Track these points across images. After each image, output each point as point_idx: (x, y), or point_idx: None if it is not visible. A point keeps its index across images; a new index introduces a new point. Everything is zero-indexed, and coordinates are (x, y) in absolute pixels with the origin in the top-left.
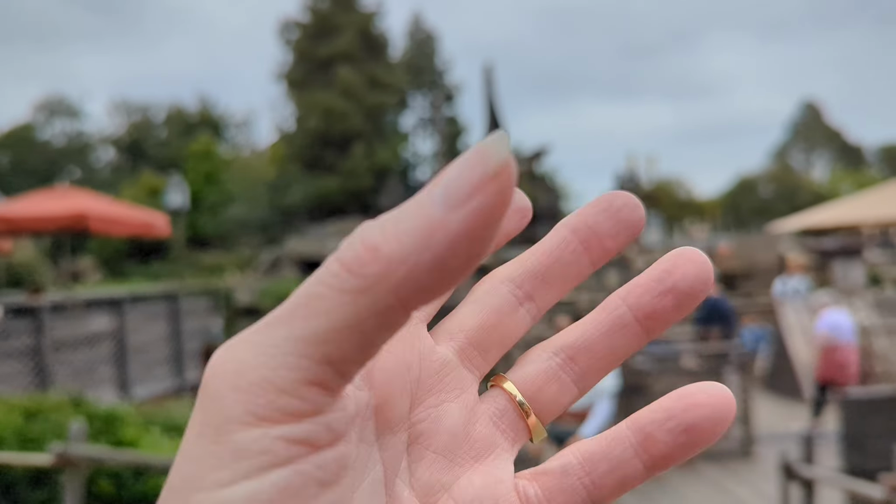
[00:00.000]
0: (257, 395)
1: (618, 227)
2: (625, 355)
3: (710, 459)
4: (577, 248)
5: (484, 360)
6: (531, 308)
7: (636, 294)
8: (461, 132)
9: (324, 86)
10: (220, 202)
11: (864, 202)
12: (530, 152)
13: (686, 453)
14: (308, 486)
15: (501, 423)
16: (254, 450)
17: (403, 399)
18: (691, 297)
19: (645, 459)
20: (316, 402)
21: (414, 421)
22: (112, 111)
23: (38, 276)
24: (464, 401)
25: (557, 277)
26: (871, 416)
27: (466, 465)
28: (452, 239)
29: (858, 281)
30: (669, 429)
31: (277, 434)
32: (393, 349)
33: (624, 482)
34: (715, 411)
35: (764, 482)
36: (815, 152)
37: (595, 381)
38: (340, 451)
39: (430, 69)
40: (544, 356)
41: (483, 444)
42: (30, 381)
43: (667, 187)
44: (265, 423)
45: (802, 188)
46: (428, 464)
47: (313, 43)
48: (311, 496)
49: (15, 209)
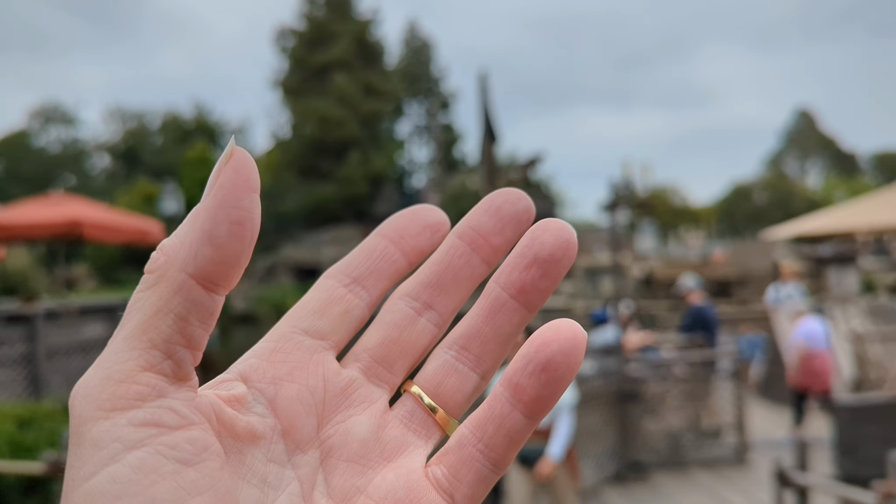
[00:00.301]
0: (101, 391)
1: (501, 223)
2: (513, 333)
3: (704, 466)
4: (465, 251)
5: (391, 373)
6: (432, 316)
7: (506, 273)
8: (457, 139)
9: (319, 93)
10: None
11: (859, 209)
12: (525, 160)
13: (553, 390)
14: (164, 464)
15: (412, 424)
16: (107, 439)
17: (309, 420)
18: (554, 264)
19: (521, 408)
20: (155, 385)
21: (323, 438)
22: (107, 118)
23: (32, 283)
24: (372, 412)
25: (451, 283)
26: (865, 424)
27: (379, 466)
28: (212, 214)
29: (853, 288)
30: (530, 372)
31: (125, 420)
32: (295, 378)
33: (511, 436)
34: (564, 344)
35: (758, 489)
36: (810, 160)
37: (495, 364)
38: (194, 434)
39: (426, 77)
40: (440, 352)
41: (394, 445)
42: (23, 389)
43: (662, 195)
44: (113, 413)
45: (797, 195)
46: (342, 472)
47: (309, 50)
48: (171, 473)
49: (9, 216)
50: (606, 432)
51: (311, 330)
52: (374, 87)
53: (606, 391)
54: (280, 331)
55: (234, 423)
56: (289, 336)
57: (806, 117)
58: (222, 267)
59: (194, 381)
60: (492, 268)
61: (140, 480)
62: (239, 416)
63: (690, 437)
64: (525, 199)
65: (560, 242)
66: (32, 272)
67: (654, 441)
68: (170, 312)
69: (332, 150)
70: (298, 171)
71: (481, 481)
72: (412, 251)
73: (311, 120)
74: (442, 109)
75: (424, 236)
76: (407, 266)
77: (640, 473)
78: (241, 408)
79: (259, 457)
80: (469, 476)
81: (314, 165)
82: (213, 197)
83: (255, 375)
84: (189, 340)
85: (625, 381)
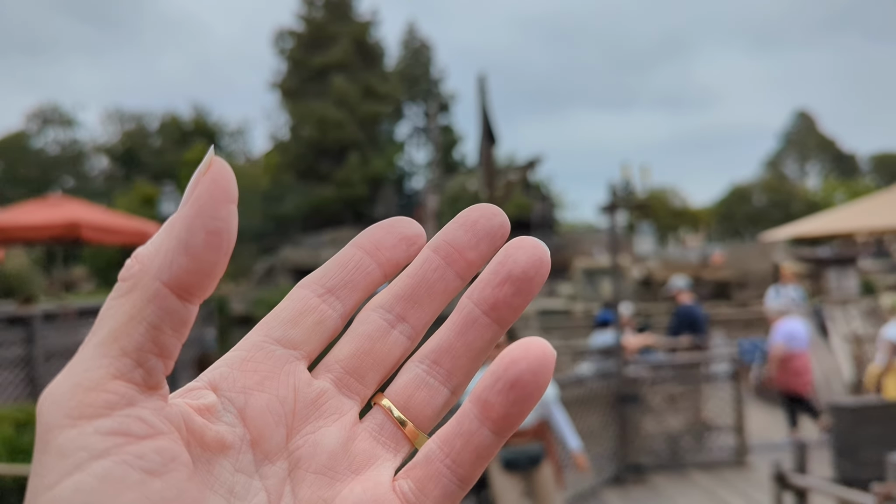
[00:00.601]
0: (69, 399)
1: (476, 238)
2: (484, 349)
3: (703, 469)
4: (440, 264)
5: (363, 385)
6: (405, 329)
7: (479, 289)
8: (456, 141)
9: (318, 95)
10: None
11: (858, 211)
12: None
13: (521, 408)
14: (130, 474)
15: (381, 437)
16: (73, 447)
17: (279, 431)
18: (527, 282)
19: (489, 424)
20: (124, 394)
21: (292, 449)
22: (106, 120)
23: (30, 285)
24: (342, 423)
25: (425, 296)
26: (863, 425)
27: (347, 479)
28: (188, 224)
29: (852, 290)
30: (499, 390)
31: (92, 429)
32: (265, 388)
33: (479, 452)
34: (533, 362)
35: (757, 491)
36: (809, 161)
37: (465, 379)
38: (162, 444)
39: (425, 79)
40: (411, 366)
41: (363, 457)
42: (21, 391)
43: (661, 196)
44: (80, 421)
45: (796, 197)
46: (309, 484)
47: (308, 52)
48: (137, 483)
49: (7, 218)
50: (605, 434)
51: (283, 339)
52: (373, 89)
53: (605, 393)
54: (252, 340)
55: (204, 432)
56: (260, 345)
57: (805, 119)
58: (197, 276)
59: (165, 391)
60: (466, 282)
61: (105, 490)
62: (208, 426)
63: (689, 440)
64: (500, 215)
65: (533, 261)
66: (30, 274)
67: (654, 443)
68: (143, 321)
69: (331, 151)
70: (297, 172)
71: (447, 497)
72: (387, 263)
73: (310, 122)
74: (441, 111)
75: (400, 248)
76: (382, 278)
77: (639, 475)
78: (211, 417)
79: (227, 467)
80: (435, 491)
81: (313, 167)
82: (191, 206)
83: (225, 384)
84: (161, 349)
85: (624, 382)
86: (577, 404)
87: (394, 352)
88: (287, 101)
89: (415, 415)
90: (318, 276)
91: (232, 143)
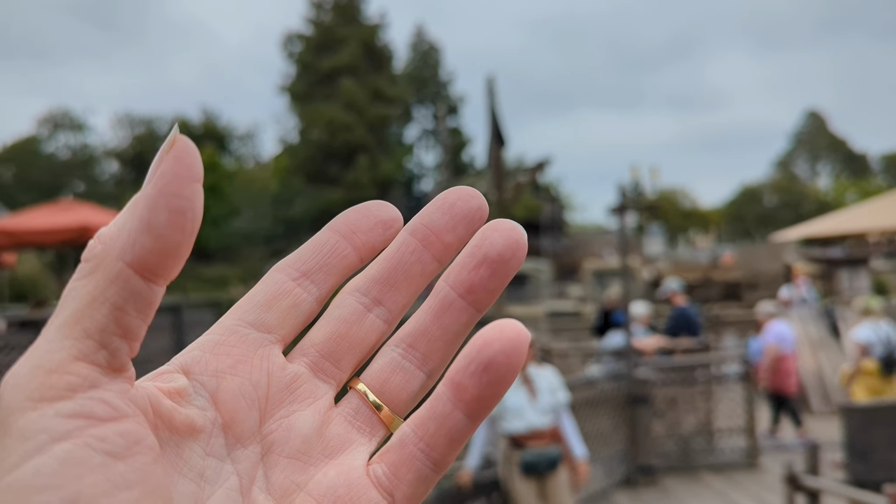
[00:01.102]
0: (31, 381)
1: (454, 221)
2: (460, 332)
3: (715, 471)
4: (417, 247)
5: (338, 369)
6: (381, 312)
7: (455, 272)
8: (465, 143)
9: (327, 98)
10: (224, 215)
11: (870, 211)
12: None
13: (494, 391)
14: (92, 457)
15: (357, 421)
16: (34, 430)
17: (251, 415)
18: (503, 264)
19: (462, 407)
20: (87, 376)
21: (265, 433)
22: (116, 124)
23: (41, 289)
24: (317, 407)
25: (402, 279)
26: (876, 427)
27: (321, 463)
28: (151, 203)
29: (864, 290)
30: (472, 372)
31: (54, 412)
32: (238, 372)
33: (452, 435)
34: (506, 344)
35: (769, 493)
36: (820, 161)
37: (442, 363)
38: (126, 427)
39: (434, 81)
40: (388, 350)
41: (338, 442)
42: None
43: (670, 197)
44: (42, 403)
45: (807, 197)
46: (282, 468)
47: (316, 55)
48: (99, 466)
49: (19, 222)
50: (616, 436)
51: (256, 323)
52: (382, 92)
53: (616, 394)
54: (225, 324)
55: (173, 415)
56: (234, 329)
57: (816, 118)
58: (161, 257)
59: (130, 373)
60: (443, 265)
61: (66, 473)
62: (178, 409)
63: (701, 441)
64: (478, 197)
65: (510, 243)
66: (42, 278)
67: (664, 445)
68: (105, 302)
69: (339, 154)
70: (306, 176)
71: (422, 480)
72: (363, 247)
73: (319, 125)
74: (449, 113)
75: (376, 232)
76: (358, 262)
77: (650, 477)
78: (182, 400)
79: (197, 451)
80: (409, 475)
81: (322, 170)
82: (154, 185)
83: (197, 368)
84: (125, 331)
85: (634, 384)
86: (587, 406)
87: (370, 335)
88: (296, 104)
89: (390, 399)
90: (293, 259)
91: (241, 147)
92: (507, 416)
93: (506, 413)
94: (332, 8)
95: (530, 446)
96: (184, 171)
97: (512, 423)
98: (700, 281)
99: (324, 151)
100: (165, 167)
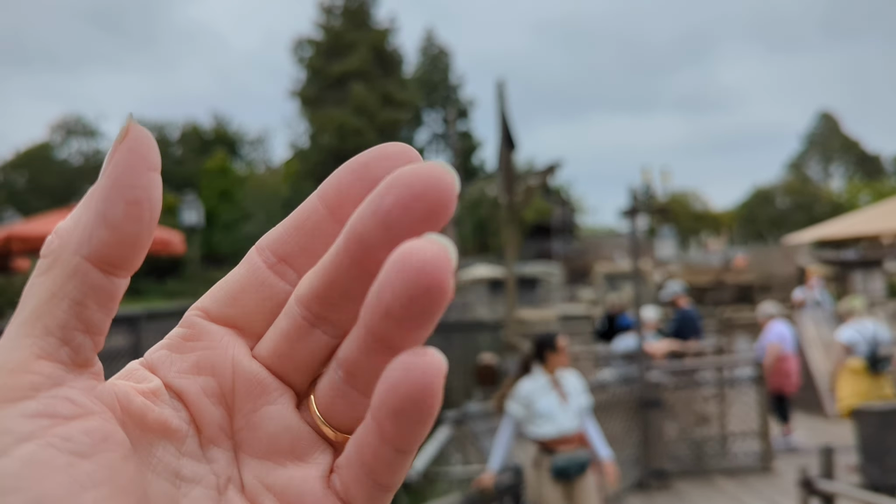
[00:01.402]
0: None
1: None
2: None
3: (728, 475)
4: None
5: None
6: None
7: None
8: (475, 147)
9: (337, 103)
10: (235, 219)
11: (883, 212)
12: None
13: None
14: (57, 457)
15: None
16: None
17: (217, 413)
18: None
19: (388, 443)
20: (50, 374)
21: (236, 430)
22: None
23: None
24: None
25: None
26: (890, 430)
27: (289, 465)
28: (106, 195)
29: (878, 292)
30: (384, 415)
31: (17, 412)
32: (202, 370)
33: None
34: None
35: (783, 497)
36: (833, 163)
37: None
38: (92, 424)
39: (444, 85)
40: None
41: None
42: None
43: (682, 200)
44: (4, 404)
45: (820, 199)
46: (252, 468)
47: (327, 60)
48: (64, 466)
49: (32, 228)
50: (628, 439)
51: (221, 317)
52: (392, 96)
53: (628, 398)
54: (190, 318)
55: (145, 413)
56: (195, 322)
57: (829, 120)
58: (119, 249)
59: (97, 368)
60: None
61: (29, 475)
62: (150, 407)
63: (714, 445)
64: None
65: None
66: None
67: (677, 448)
68: (65, 297)
69: (350, 159)
70: (317, 180)
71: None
72: None
73: (329, 129)
74: (459, 117)
75: None
76: None
77: (663, 481)
78: (157, 400)
79: (171, 450)
80: (360, 495)
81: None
82: (107, 177)
83: (162, 366)
84: (87, 326)
85: (646, 387)
86: (599, 410)
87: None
88: (306, 109)
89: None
90: (274, 238)
91: (252, 152)
92: (537, 421)
93: (537, 418)
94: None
95: (560, 451)
96: (138, 160)
97: (542, 427)
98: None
99: (334, 156)
100: (119, 157)
